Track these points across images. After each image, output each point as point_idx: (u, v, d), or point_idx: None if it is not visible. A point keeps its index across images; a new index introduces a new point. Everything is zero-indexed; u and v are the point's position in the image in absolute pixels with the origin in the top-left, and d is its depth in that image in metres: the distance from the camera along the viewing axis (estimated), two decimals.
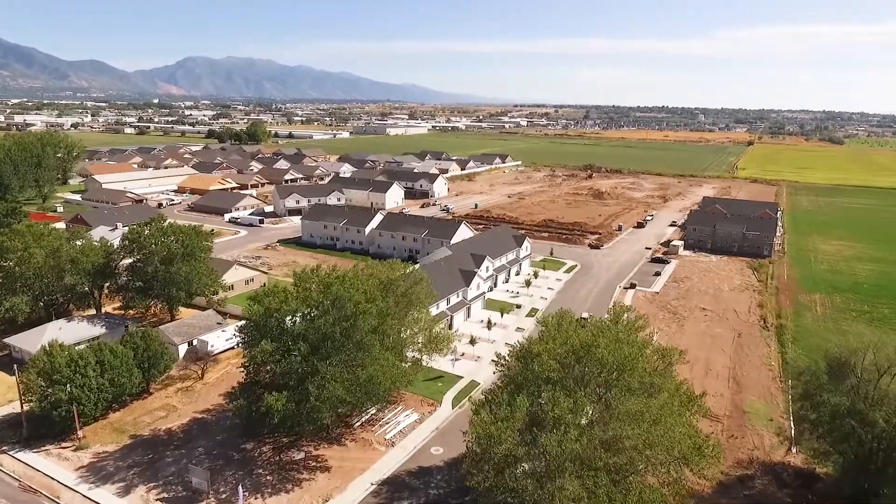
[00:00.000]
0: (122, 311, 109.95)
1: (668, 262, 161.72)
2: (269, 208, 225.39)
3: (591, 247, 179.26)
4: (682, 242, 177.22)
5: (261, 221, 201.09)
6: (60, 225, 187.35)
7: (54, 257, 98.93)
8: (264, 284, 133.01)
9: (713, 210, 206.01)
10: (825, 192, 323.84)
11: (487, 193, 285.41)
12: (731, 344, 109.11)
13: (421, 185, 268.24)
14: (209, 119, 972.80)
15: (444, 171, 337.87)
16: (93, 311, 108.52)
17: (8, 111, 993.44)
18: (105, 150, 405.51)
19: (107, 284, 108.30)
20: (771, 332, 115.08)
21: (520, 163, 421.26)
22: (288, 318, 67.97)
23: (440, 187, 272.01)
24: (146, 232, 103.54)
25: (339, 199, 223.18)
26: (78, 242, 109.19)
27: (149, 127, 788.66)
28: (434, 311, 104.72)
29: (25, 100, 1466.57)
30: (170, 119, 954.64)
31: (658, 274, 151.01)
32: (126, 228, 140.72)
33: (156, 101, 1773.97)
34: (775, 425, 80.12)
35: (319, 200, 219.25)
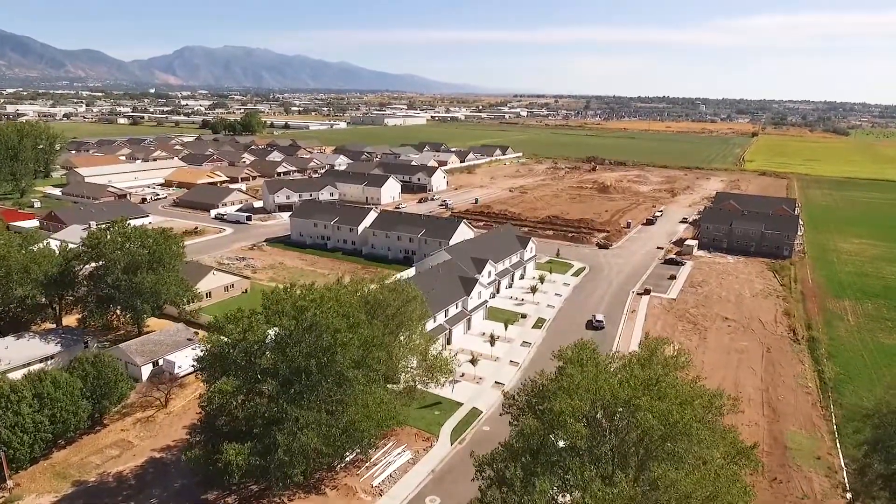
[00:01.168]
0: (85, 325, 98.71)
1: (683, 264, 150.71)
2: (258, 203, 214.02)
3: (600, 246, 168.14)
4: (697, 242, 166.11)
5: (248, 218, 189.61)
6: (34, 222, 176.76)
7: (1, 266, 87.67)
8: (245, 291, 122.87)
9: (727, 206, 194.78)
10: (837, 185, 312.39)
11: (488, 187, 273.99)
12: (760, 360, 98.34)
13: (419, 179, 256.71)
14: (205, 109, 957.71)
15: (443, 164, 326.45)
16: (53, 325, 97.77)
17: (1, 101, 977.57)
18: (94, 141, 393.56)
19: (67, 295, 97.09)
20: (803, 346, 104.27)
21: (521, 154, 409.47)
22: (267, 330, 57.47)
23: (439, 181, 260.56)
24: (107, 237, 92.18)
25: (331, 194, 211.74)
26: (35, 247, 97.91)
27: (143, 117, 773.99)
28: (431, 324, 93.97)
29: (20, 89, 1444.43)
30: (164, 109, 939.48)
31: (673, 277, 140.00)
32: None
33: (152, 90, 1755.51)
34: (824, 465, 69.54)
35: (311, 196, 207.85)
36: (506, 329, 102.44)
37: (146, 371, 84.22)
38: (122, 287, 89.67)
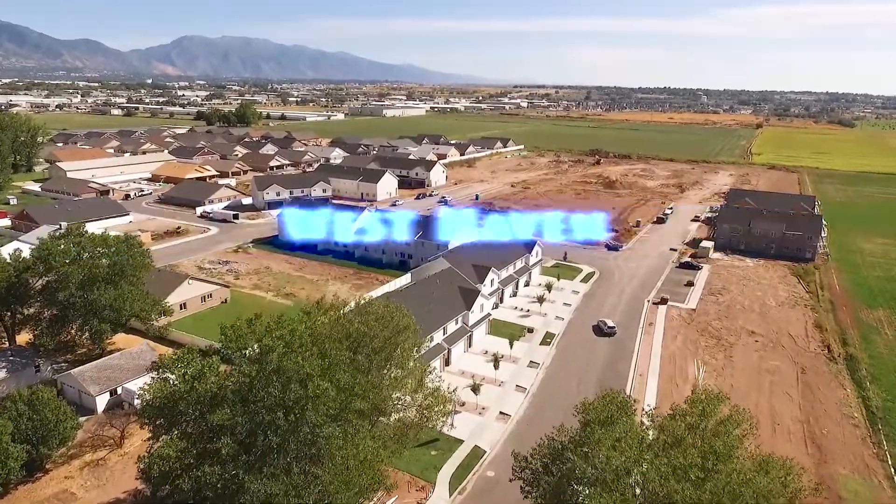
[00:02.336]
0: (40, 346, 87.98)
1: (700, 268, 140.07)
2: (248, 200, 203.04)
3: (609, 248, 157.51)
4: (713, 243, 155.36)
5: (235, 217, 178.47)
6: (5, 221, 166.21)
7: None
8: (225, 300, 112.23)
9: (743, 204, 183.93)
10: (850, 180, 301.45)
11: (489, 182, 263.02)
12: (795, 384, 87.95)
13: (416, 174, 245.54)
14: (201, 100, 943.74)
15: (443, 157, 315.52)
16: (7, 345, 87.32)
17: None
18: (82, 133, 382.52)
19: (19, 311, 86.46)
20: (840, 365, 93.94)
21: (522, 147, 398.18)
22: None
23: (437, 175, 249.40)
24: (60, 247, 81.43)
25: (324, 191, 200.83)
26: None
27: (137, 108, 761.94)
28: (428, 344, 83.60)
29: (16, 80, 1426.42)
30: (160, 100, 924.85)
31: (690, 284, 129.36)
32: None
33: (149, 80, 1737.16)
34: None
35: (303, 192, 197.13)
36: (511, 347, 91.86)
37: (102, 402, 73.83)
38: (77, 304, 79.12)
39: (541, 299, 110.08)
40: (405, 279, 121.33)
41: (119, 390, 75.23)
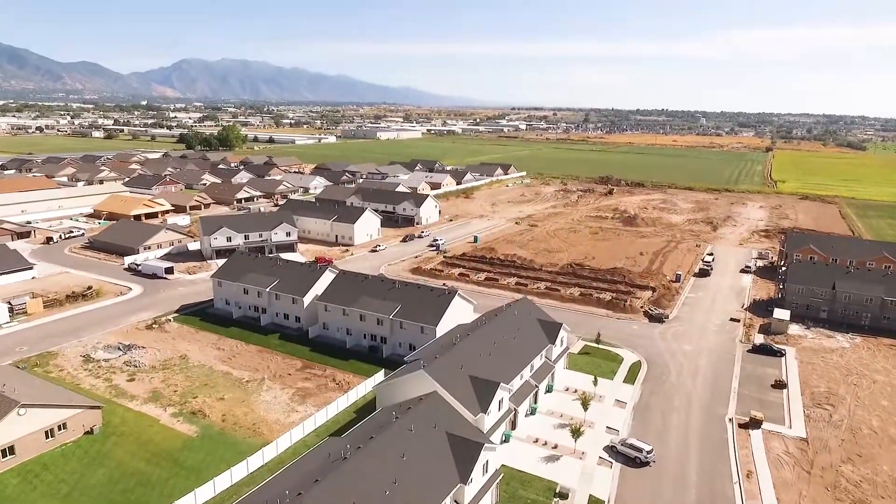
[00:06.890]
0: None
1: (783, 354, 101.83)
2: (196, 245, 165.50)
3: (650, 318, 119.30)
4: (788, 312, 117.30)
5: (168, 271, 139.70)
6: None
7: None
8: (91, 430, 73.43)
9: (807, 252, 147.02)
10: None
11: (489, 217, 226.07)
12: None
13: (404, 209, 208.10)
14: (193, 122, 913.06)
15: (437, 186, 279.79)
16: None
17: None
18: (39, 159, 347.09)
19: None
20: None
21: (524, 174, 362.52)
22: None
23: (429, 211, 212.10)
24: None
25: (288, 234, 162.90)
26: None
27: (122, 130, 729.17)
28: None
29: (10, 101, 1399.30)
30: (147, 122, 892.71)
31: (780, 385, 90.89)
32: None
33: (144, 102, 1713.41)
34: None
35: (261, 236, 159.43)
36: None
37: None
38: None
39: (575, 431, 71.24)
40: (371, 383, 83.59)
41: None
